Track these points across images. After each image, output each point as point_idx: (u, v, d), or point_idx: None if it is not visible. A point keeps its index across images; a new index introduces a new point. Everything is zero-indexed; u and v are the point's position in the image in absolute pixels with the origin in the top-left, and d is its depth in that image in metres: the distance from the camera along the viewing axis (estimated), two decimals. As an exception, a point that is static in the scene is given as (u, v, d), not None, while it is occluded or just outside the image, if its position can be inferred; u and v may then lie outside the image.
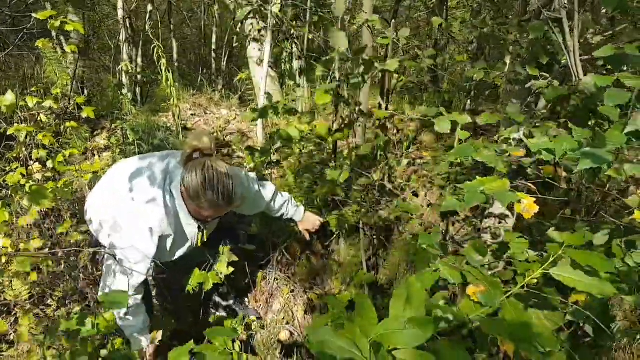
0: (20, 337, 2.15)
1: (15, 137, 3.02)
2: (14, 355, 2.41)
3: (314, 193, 2.74)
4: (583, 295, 1.35)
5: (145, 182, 2.07)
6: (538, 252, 1.43)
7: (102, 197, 2.24)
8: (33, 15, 2.79)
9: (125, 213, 2.05)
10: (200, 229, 2.20)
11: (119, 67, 4.03)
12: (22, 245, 2.58)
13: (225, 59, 6.30)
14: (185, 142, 2.37)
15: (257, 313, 2.87)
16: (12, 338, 2.64)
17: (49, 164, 2.85)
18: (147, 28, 4.79)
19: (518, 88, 2.52)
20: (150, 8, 5.06)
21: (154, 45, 3.64)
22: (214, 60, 6.32)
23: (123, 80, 4.19)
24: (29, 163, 2.92)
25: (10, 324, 2.72)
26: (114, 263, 2.00)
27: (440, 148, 4.14)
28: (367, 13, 2.74)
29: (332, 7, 3.55)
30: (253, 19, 5.75)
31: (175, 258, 2.24)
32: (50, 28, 2.77)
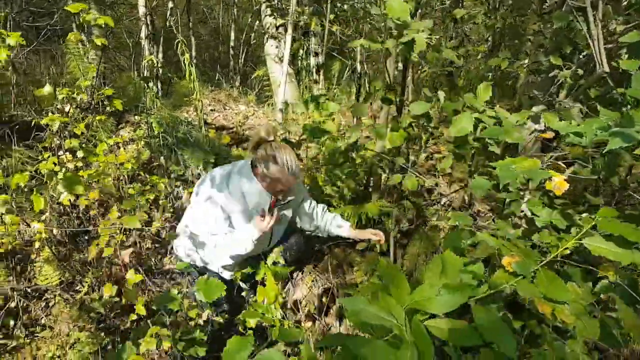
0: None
1: (46, 128, 3.11)
2: (50, 336, 2.48)
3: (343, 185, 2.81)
4: (612, 272, 1.40)
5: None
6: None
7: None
8: (65, 8, 2.88)
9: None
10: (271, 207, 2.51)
11: (144, 61, 4.11)
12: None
13: (243, 57, 6.38)
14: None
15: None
16: (43, 322, 2.72)
17: (79, 154, 2.93)
18: (170, 24, 4.87)
19: (540, 79, 2.56)
20: (171, 5, 5.15)
21: (178, 41, 3.71)
22: (232, 58, 6.40)
23: (148, 74, 4.27)
24: (59, 153, 3.00)
25: (41, 309, 2.81)
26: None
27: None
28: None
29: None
30: (271, 16, 5.85)
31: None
32: (82, 22, 2.85)
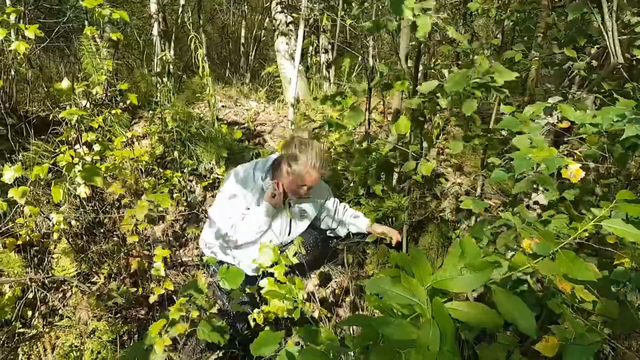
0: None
1: (63, 122, 3.15)
2: (69, 325, 2.53)
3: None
4: (627, 259, 1.42)
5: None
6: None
7: None
8: (81, 2, 2.92)
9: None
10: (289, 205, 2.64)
11: (156, 58, 4.16)
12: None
13: (253, 54, 6.42)
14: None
15: None
16: (61, 312, 2.76)
17: (96, 147, 2.98)
18: (184, 20, 4.91)
19: (553, 72, 2.57)
20: (183, 2, 5.19)
21: (191, 37, 3.75)
22: (242, 55, 6.44)
23: (160, 70, 4.31)
24: (76, 147, 3.05)
25: (59, 300, 2.85)
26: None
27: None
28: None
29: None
30: (282, 13, 5.87)
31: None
32: (98, 16, 2.89)
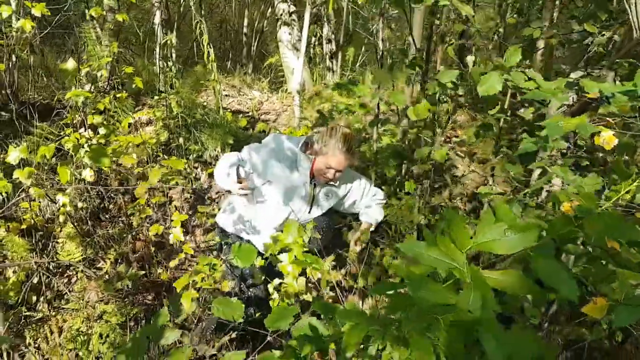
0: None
1: (67, 106, 3.10)
2: (76, 308, 2.48)
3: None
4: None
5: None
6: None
7: None
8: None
9: None
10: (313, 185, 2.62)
11: (157, 47, 4.10)
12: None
13: (256, 44, 6.37)
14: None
15: None
16: (67, 297, 2.71)
17: (101, 131, 2.92)
18: (188, 5, 4.84)
19: (568, 52, 2.54)
20: (185, -9, 5.13)
21: (196, 22, 3.70)
22: (245, 45, 6.39)
23: (162, 55, 4.25)
24: (81, 130, 2.99)
25: (64, 284, 2.80)
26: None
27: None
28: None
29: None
30: (284, 3, 5.82)
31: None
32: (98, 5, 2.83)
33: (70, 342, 2.33)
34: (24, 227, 2.82)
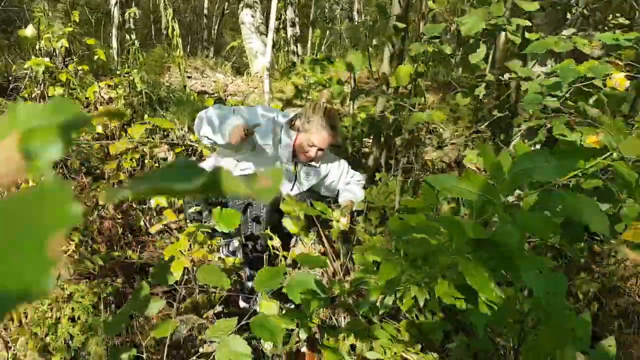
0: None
1: (24, 77, 2.88)
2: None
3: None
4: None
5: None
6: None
7: None
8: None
9: None
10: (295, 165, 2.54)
11: (126, 13, 3.88)
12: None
13: (216, 28, 6.18)
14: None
15: None
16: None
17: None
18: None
19: (547, 19, 2.54)
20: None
21: (159, -5, 3.52)
22: (205, 27, 6.19)
23: (126, 28, 4.04)
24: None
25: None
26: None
27: (446, 107, 4.16)
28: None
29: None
30: (247, -16, 5.67)
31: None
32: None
33: (37, 326, 2.14)
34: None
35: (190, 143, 3.57)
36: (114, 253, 2.51)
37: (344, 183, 2.75)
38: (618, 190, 1.32)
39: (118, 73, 3.33)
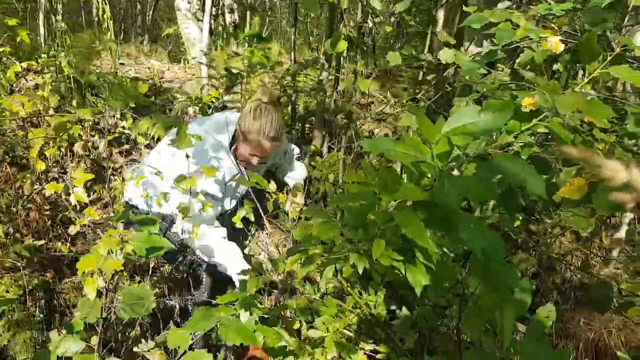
0: None
1: None
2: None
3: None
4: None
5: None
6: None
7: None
8: None
9: None
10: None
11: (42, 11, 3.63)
12: None
13: (151, 13, 5.95)
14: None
15: None
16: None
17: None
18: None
19: None
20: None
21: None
22: (140, 14, 5.95)
23: (52, 10, 3.80)
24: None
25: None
26: None
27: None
28: None
29: None
30: (182, -33, 5.48)
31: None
32: None
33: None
34: None
35: (123, 130, 3.39)
36: (39, 242, 2.34)
37: (287, 161, 2.72)
38: (554, 159, 1.34)
39: (44, 57, 3.12)
